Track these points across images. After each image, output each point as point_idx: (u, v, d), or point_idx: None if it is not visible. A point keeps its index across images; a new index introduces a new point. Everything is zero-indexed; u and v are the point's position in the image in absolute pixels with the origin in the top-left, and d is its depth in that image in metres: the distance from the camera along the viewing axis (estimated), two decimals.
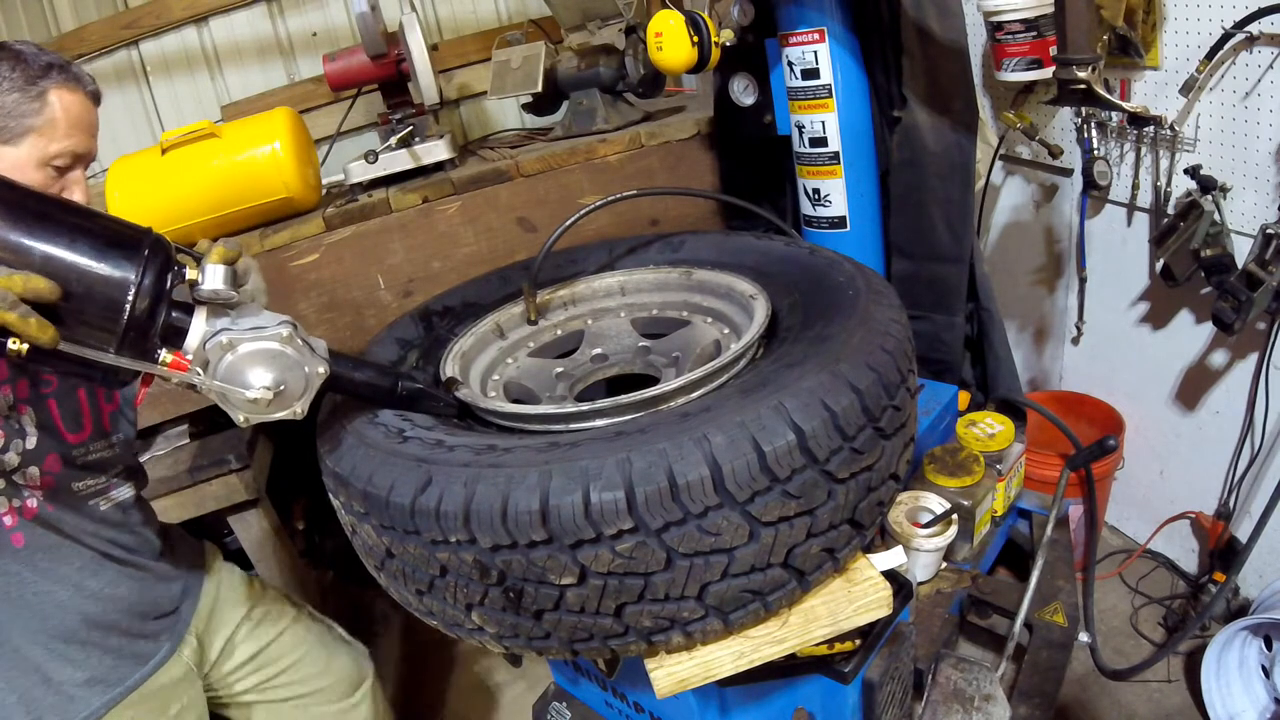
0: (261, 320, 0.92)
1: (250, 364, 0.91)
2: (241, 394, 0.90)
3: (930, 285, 1.97)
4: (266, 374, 0.91)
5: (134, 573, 1.23)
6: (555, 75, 2.23)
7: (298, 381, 0.94)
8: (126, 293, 0.82)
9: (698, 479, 0.87)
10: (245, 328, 0.90)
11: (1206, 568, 2.08)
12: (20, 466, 1.08)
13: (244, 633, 1.41)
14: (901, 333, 1.11)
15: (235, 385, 0.90)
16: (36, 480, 1.10)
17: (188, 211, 1.85)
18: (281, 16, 2.63)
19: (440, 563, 0.96)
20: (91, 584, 1.17)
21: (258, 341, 0.90)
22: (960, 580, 1.70)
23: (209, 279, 0.88)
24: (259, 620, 1.43)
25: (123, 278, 0.82)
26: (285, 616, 1.48)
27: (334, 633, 1.55)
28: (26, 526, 1.09)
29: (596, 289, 1.57)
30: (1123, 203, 2.03)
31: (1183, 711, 1.84)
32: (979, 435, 1.87)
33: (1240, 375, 1.88)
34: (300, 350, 0.94)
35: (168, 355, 0.87)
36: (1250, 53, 1.60)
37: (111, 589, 1.19)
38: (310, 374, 0.95)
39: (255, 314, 0.93)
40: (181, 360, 0.87)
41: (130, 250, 0.83)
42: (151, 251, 0.85)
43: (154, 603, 1.26)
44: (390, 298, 1.99)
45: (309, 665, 1.46)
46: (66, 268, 0.80)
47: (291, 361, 0.93)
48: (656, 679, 1.01)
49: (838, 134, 1.85)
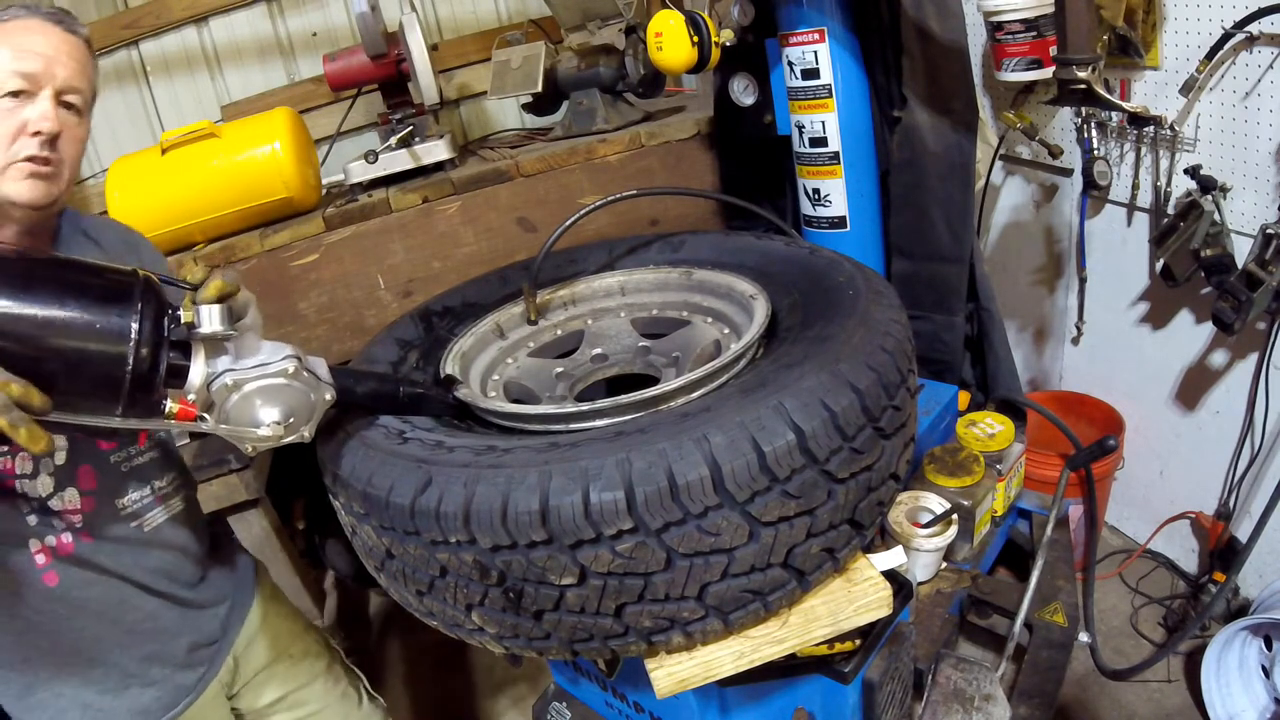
0: (264, 355, 0.89)
1: (258, 401, 0.89)
2: (253, 433, 0.89)
3: (930, 285, 1.97)
4: (275, 410, 0.90)
5: (176, 605, 1.18)
6: (555, 75, 2.23)
7: (305, 410, 0.94)
8: (127, 348, 0.77)
9: (697, 479, 0.87)
10: (249, 365, 0.88)
11: (1206, 568, 2.08)
12: (55, 491, 1.03)
13: (283, 668, 1.37)
14: (901, 333, 1.10)
15: (245, 425, 0.88)
16: (76, 504, 1.04)
17: (188, 211, 1.85)
18: (281, 16, 2.63)
19: (440, 563, 0.96)
20: (130, 619, 1.12)
21: (264, 379, 0.88)
22: (960, 580, 1.70)
23: (205, 321, 0.84)
24: (298, 658, 1.40)
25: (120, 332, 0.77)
26: (321, 661, 1.45)
27: (358, 688, 1.52)
28: (60, 565, 1.04)
29: (596, 289, 1.57)
30: (1123, 203, 2.03)
31: (1183, 711, 1.84)
32: (979, 435, 1.87)
33: (1240, 375, 1.88)
34: (306, 381, 0.92)
35: (173, 405, 0.83)
36: (1250, 53, 1.60)
37: (152, 622, 1.14)
38: (317, 400, 0.94)
39: (256, 348, 0.89)
40: (188, 408, 0.84)
41: (123, 301, 0.78)
42: (144, 298, 0.80)
43: (197, 631, 1.21)
44: (390, 298, 1.99)
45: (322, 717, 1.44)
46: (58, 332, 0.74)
47: (298, 393, 0.92)
48: (656, 679, 1.01)
49: (838, 134, 1.85)
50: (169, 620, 1.17)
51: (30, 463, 1.01)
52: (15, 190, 0.98)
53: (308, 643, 1.43)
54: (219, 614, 1.26)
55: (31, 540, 1.02)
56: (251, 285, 1.92)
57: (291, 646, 1.39)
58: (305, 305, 1.93)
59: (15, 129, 0.98)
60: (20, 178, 0.98)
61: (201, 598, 1.23)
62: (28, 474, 1.01)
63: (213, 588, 1.26)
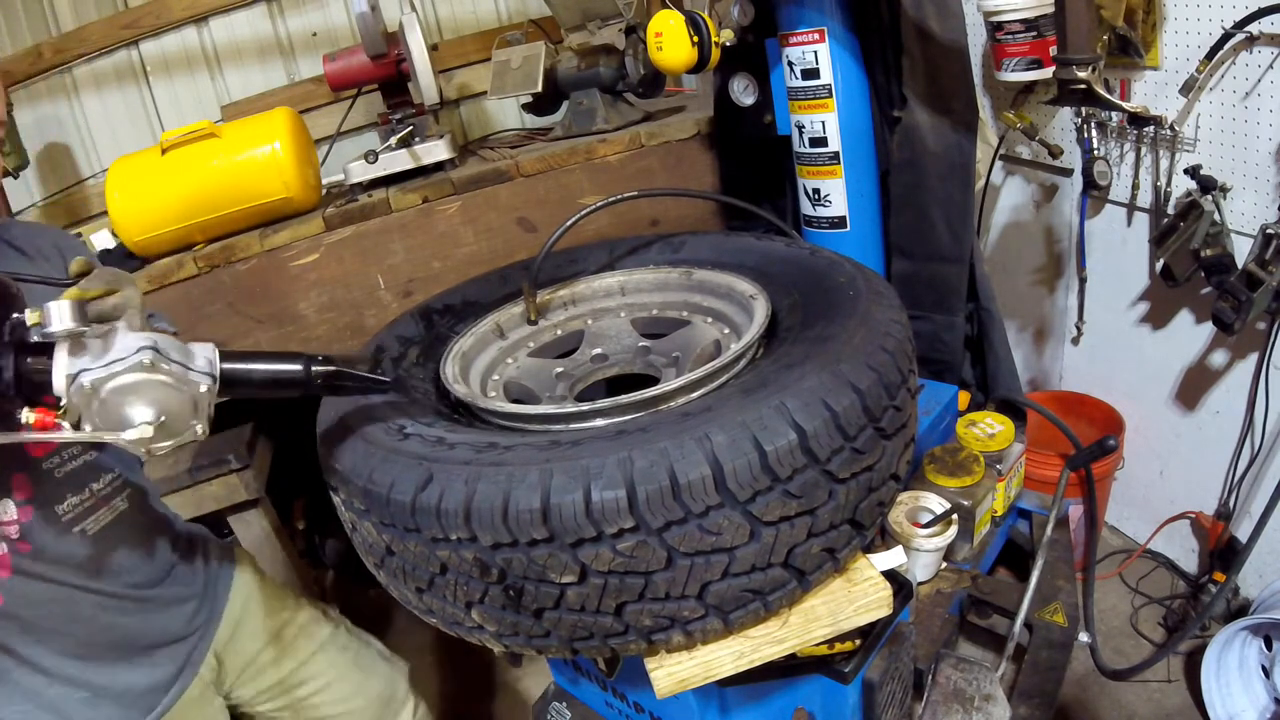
0: (118, 349, 0.80)
1: (121, 401, 0.80)
2: (122, 437, 0.80)
3: (930, 285, 1.97)
4: (145, 409, 0.80)
5: (132, 606, 1.14)
6: (555, 75, 2.23)
7: (180, 404, 0.82)
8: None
9: (699, 478, 0.87)
10: (105, 362, 0.79)
11: (1206, 568, 2.08)
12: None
13: (270, 655, 1.35)
14: (902, 333, 1.11)
15: (111, 429, 0.80)
16: (13, 515, 1.00)
17: (188, 211, 1.85)
18: (281, 16, 2.63)
19: (440, 560, 0.96)
20: (85, 630, 1.09)
21: (120, 376, 0.79)
22: (960, 580, 1.70)
23: (55, 319, 0.76)
24: (291, 640, 1.38)
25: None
26: (320, 634, 1.43)
27: (370, 650, 1.50)
28: (3, 585, 1.00)
29: (596, 289, 1.57)
30: (1123, 203, 2.03)
31: (1183, 711, 1.84)
32: (979, 435, 1.87)
33: (1240, 375, 1.88)
34: (170, 373, 0.81)
35: (30, 415, 0.76)
36: (1250, 53, 1.60)
37: (108, 634, 1.11)
38: (192, 393, 0.83)
39: (113, 341, 0.81)
40: (46, 417, 0.77)
41: None
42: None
43: (162, 630, 1.18)
44: (390, 298, 1.99)
45: (342, 687, 1.42)
46: None
47: (164, 386, 0.81)
48: (656, 679, 1.01)
49: (838, 134, 1.85)
50: (130, 624, 1.14)
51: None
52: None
53: (300, 621, 1.41)
54: (185, 611, 1.23)
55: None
56: (251, 285, 1.94)
57: (283, 629, 1.37)
58: (305, 305, 1.93)
59: None
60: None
61: (165, 594, 1.20)
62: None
63: (178, 583, 1.22)
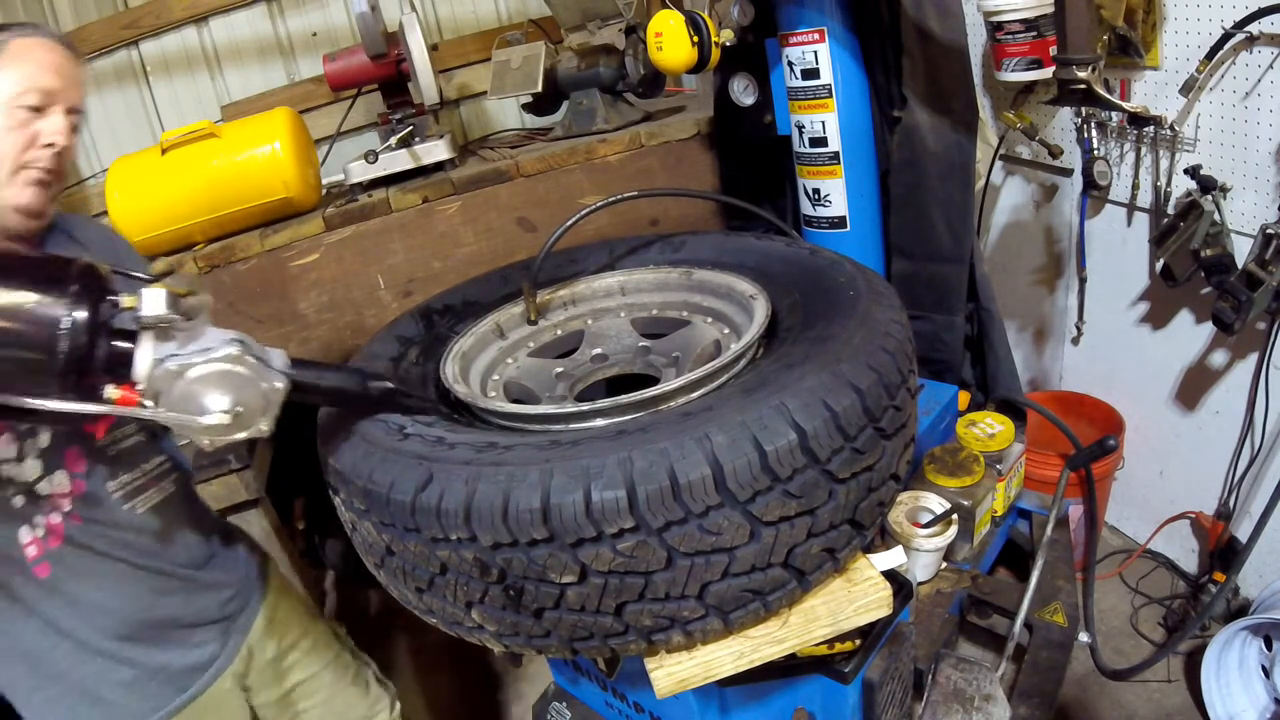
0: (208, 340, 0.87)
1: (203, 388, 0.86)
2: (199, 421, 0.85)
3: (930, 285, 1.97)
4: (222, 397, 0.87)
5: (176, 584, 1.18)
6: (555, 75, 2.23)
7: (255, 399, 0.89)
8: (58, 331, 0.78)
9: (699, 478, 0.87)
10: (193, 350, 0.86)
11: (1206, 568, 2.08)
12: (44, 475, 1.03)
13: (294, 658, 1.40)
14: (902, 333, 1.11)
15: (191, 413, 0.85)
16: (66, 488, 1.05)
17: (188, 211, 1.85)
18: (281, 16, 2.63)
19: (440, 560, 0.96)
20: (128, 606, 1.13)
21: (208, 364, 0.85)
22: (960, 580, 1.70)
23: (148, 305, 0.83)
24: (309, 650, 1.42)
25: (52, 317, 0.78)
26: (330, 650, 1.47)
27: (366, 676, 1.53)
28: (53, 555, 1.05)
29: (596, 289, 1.57)
30: (1123, 203, 2.03)
31: (1183, 711, 1.84)
32: (979, 435, 1.87)
33: (1240, 375, 1.88)
34: (253, 367, 0.89)
35: (114, 391, 0.82)
36: (1250, 53, 1.61)
37: (148, 612, 1.15)
38: (268, 389, 0.90)
39: (202, 334, 0.88)
40: (130, 394, 0.83)
41: (57, 285, 0.79)
42: (81, 283, 0.81)
43: (201, 611, 1.22)
44: (390, 297, 1.99)
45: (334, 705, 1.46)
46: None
47: (246, 380, 0.88)
48: (656, 679, 1.01)
49: (838, 134, 1.85)
50: (173, 603, 1.18)
51: (14, 446, 1.01)
52: (18, 196, 1.04)
53: (317, 633, 1.46)
54: (223, 597, 1.27)
55: (22, 528, 1.03)
56: (251, 285, 1.94)
57: (301, 638, 1.42)
58: (305, 305, 1.93)
59: (28, 139, 1.04)
60: (26, 184, 1.04)
61: (206, 578, 1.24)
62: (11, 458, 1.01)
63: (220, 570, 1.27)
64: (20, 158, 1.03)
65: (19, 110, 1.03)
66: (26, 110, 1.04)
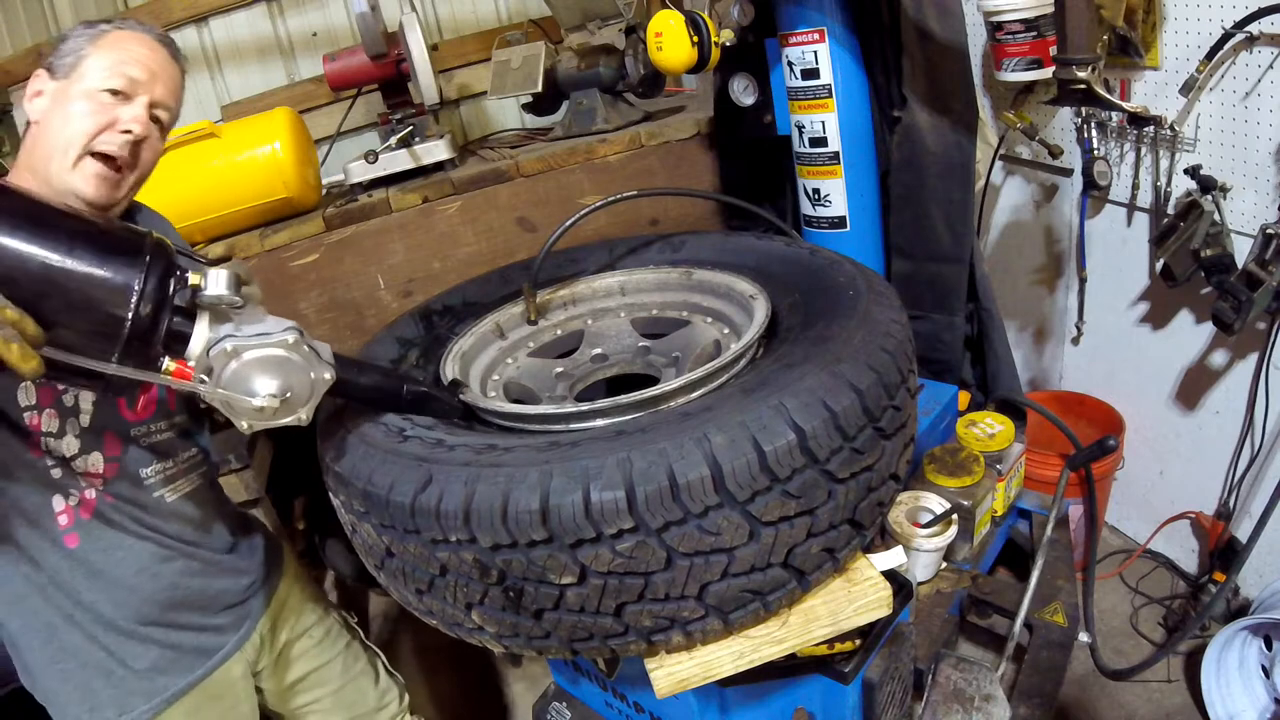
0: (266, 326, 0.90)
1: (256, 371, 0.89)
2: (247, 402, 0.89)
3: (930, 285, 1.97)
4: (272, 381, 0.90)
5: (199, 567, 1.20)
6: (555, 75, 2.23)
7: (303, 388, 0.93)
8: (129, 299, 0.81)
9: (698, 478, 0.87)
10: (250, 334, 0.89)
11: (1206, 568, 2.08)
12: (81, 453, 1.06)
13: (306, 647, 1.41)
14: (902, 333, 1.11)
15: (240, 393, 0.89)
16: (100, 468, 1.08)
17: (188, 211, 1.84)
18: (281, 16, 2.63)
19: (440, 562, 0.96)
20: (151, 585, 1.14)
21: (264, 348, 0.89)
22: (960, 580, 1.70)
23: (213, 284, 0.86)
24: (320, 639, 1.44)
25: (124, 284, 0.81)
26: (341, 640, 1.48)
27: (375, 667, 1.54)
28: (83, 526, 1.07)
29: (596, 289, 1.57)
30: (1123, 203, 2.03)
31: (1183, 711, 1.84)
32: (979, 435, 1.87)
33: (1240, 375, 1.88)
34: (306, 356, 0.92)
35: (170, 364, 0.85)
36: (1250, 53, 1.60)
37: (170, 592, 1.16)
38: (316, 380, 0.94)
39: (260, 319, 0.91)
40: (185, 369, 0.86)
41: (132, 255, 0.82)
42: (153, 256, 0.83)
43: (220, 594, 1.24)
44: (390, 298, 1.99)
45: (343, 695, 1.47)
46: (65, 275, 0.78)
47: (297, 367, 0.92)
48: (656, 679, 1.01)
49: (838, 134, 1.85)
50: (194, 584, 1.20)
51: (56, 421, 1.04)
52: (82, 185, 1.05)
53: (329, 623, 1.47)
54: (242, 582, 1.29)
55: (55, 497, 1.05)
56: None
57: (313, 627, 1.43)
58: (305, 305, 1.93)
59: (105, 123, 1.06)
60: (90, 173, 1.05)
61: (227, 562, 1.26)
62: (53, 432, 1.04)
63: (242, 556, 1.29)
64: (92, 141, 1.04)
65: (102, 94, 1.05)
66: (109, 95, 1.06)
